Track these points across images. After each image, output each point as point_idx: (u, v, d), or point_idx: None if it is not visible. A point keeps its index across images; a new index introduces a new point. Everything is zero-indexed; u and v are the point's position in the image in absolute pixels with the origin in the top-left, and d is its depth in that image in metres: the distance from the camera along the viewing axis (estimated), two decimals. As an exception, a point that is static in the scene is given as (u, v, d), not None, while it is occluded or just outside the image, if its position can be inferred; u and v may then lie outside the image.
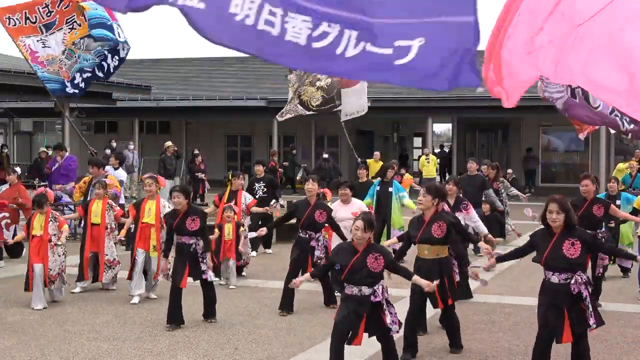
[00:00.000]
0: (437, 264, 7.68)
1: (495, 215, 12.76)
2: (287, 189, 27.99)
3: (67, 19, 13.04)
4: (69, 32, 13.05)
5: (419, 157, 29.83)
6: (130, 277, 10.34)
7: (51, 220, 10.10)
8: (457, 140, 32.97)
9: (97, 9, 12.66)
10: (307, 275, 7.43)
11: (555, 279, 6.58)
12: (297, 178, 13.11)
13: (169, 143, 22.63)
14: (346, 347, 7.87)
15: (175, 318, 8.96)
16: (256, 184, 14.14)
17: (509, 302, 10.25)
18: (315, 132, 32.89)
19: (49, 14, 13.01)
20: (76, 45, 13.14)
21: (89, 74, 13.22)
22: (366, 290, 6.68)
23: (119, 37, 12.90)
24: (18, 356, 7.71)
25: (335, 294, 9.82)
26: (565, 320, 6.55)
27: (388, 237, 13.21)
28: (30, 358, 7.67)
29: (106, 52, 13.02)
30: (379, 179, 13.66)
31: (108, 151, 24.40)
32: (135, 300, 10.23)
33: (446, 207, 8.97)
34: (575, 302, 6.53)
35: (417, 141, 38.97)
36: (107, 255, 10.88)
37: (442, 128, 59.87)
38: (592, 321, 6.53)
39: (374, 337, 7.08)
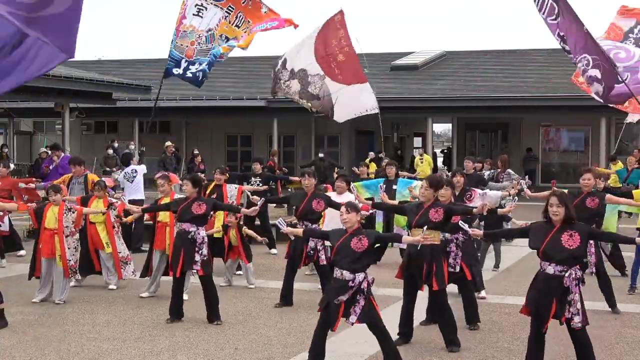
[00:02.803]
0: (428, 249, 7.90)
1: (494, 217, 12.73)
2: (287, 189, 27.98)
3: (231, 7, 12.57)
4: (224, 20, 12.59)
5: (413, 157, 29.93)
6: (145, 276, 10.58)
7: (66, 212, 10.11)
8: (457, 140, 32.98)
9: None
10: (300, 231, 8.18)
11: (551, 269, 6.72)
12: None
13: (168, 143, 22.64)
14: (346, 346, 7.89)
15: (175, 312, 9.08)
16: (253, 178, 14.63)
17: (509, 302, 10.25)
18: (315, 132, 32.89)
19: None
20: (220, 38, 12.80)
21: (202, 72, 13.12)
22: (347, 275, 6.93)
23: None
24: (18, 356, 7.71)
25: None
26: (552, 311, 6.69)
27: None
28: (30, 358, 7.67)
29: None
30: (382, 177, 13.73)
31: (110, 151, 24.38)
32: (144, 294, 10.45)
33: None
34: (565, 295, 6.66)
35: (417, 141, 38.97)
36: (120, 252, 11.03)
37: (442, 128, 59.92)
38: (578, 319, 6.65)
39: (374, 337, 7.12)
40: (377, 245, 8.08)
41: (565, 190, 10.07)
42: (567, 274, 6.63)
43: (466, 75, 31.57)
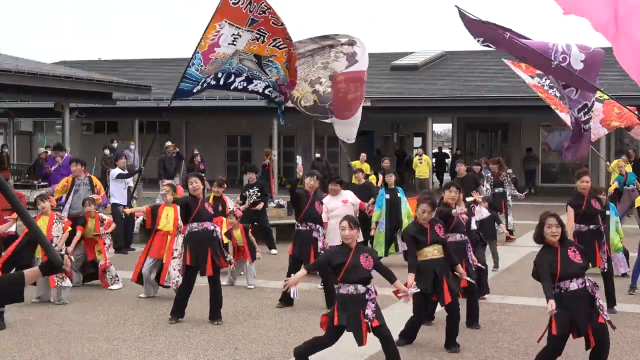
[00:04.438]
0: (446, 262, 8.05)
1: (492, 214, 12.73)
2: (285, 189, 27.97)
3: (262, 30, 11.43)
4: (254, 41, 11.49)
5: (411, 157, 29.92)
6: (136, 280, 10.61)
7: (55, 222, 10.15)
8: (457, 140, 32.97)
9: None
10: (303, 271, 7.42)
11: (574, 285, 6.71)
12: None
13: (169, 143, 22.63)
14: (345, 347, 7.89)
15: (178, 311, 9.13)
16: (249, 190, 14.47)
17: (509, 302, 10.25)
18: (315, 132, 32.87)
19: (262, 13, 11.32)
20: (243, 55, 11.64)
21: (215, 80, 11.73)
22: (361, 289, 6.99)
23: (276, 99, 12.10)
24: (18, 356, 7.71)
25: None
26: (589, 325, 6.67)
27: (396, 243, 13.09)
28: (30, 358, 7.67)
29: (250, 76, 11.83)
30: (383, 187, 13.67)
31: (107, 151, 24.36)
32: (143, 295, 10.55)
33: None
34: (593, 304, 6.71)
35: (417, 141, 38.98)
36: (107, 259, 11.16)
37: (442, 128, 59.91)
38: (607, 318, 6.72)
39: (374, 337, 7.11)
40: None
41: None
42: (587, 284, 6.70)
43: (466, 75, 31.54)
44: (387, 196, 13.13)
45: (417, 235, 8.04)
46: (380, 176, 16.24)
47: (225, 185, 13.07)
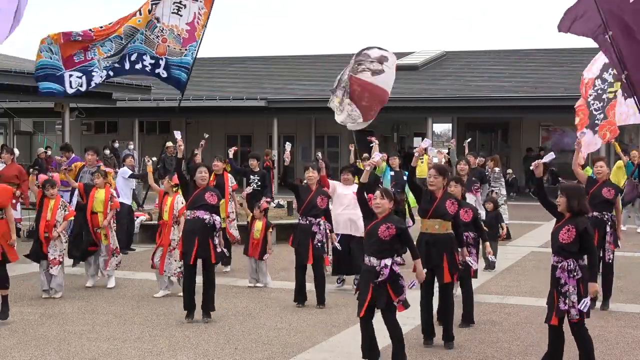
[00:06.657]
0: (449, 239, 8.00)
1: (496, 213, 12.76)
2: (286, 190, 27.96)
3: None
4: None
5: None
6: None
7: (60, 208, 10.26)
8: (457, 140, 32.97)
9: (50, 57, 12.17)
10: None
11: (552, 260, 6.88)
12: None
13: (169, 143, 22.61)
14: (346, 346, 7.89)
15: (190, 306, 9.12)
16: (252, 176, 14.42)
17: (509, 302, 10.25)
18: (315, 132, 32.88)
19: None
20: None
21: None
22: (374, 262, 6.96)
23: (70, 87, 12.44)
24: (18, 356, 7.70)
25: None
26: (554, 302, 6.78)
27: None
28: (30, 358, 7.66)
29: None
30: (388, 169, 14.06)
31: (107, 151, 24.36)
32: (159, 294, 10.50)
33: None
34: (560, 286, 6.73)
35: (417, 141, 38.98)
36: (110, 243, 11.05)
37: (442, 128, 59.86)
38: (574, 312, 6.70)
39: (378, 336, 7.12)
40: None
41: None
42: (559, 265, 6.73)
43: (466, 75, 31.57)
44: (392, 173, 13.52)
45: (425, 202, 8.08)
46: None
47: (227, 164, 13.09)
